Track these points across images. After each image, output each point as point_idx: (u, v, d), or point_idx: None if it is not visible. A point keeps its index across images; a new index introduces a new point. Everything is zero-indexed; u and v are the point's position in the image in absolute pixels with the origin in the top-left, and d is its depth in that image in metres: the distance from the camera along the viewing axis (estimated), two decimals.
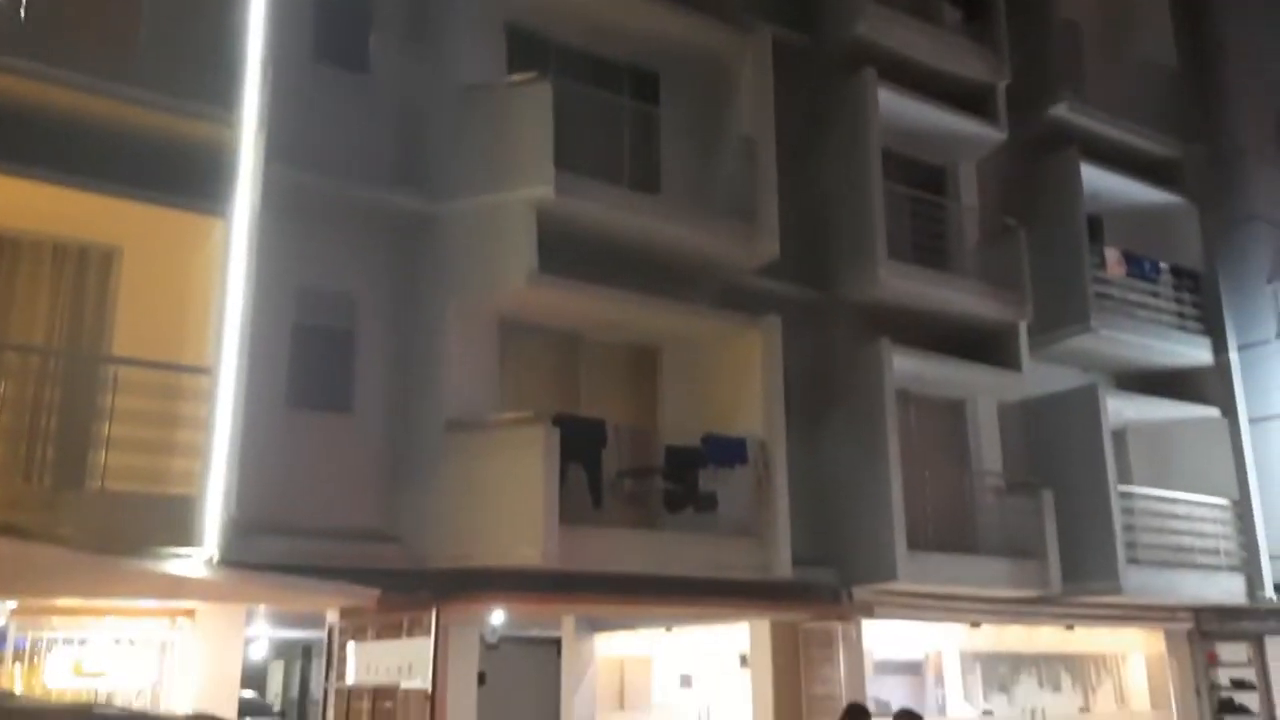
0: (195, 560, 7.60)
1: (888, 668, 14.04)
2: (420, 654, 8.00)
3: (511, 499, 9.21)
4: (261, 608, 12.72)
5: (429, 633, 7.97)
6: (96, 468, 7.93)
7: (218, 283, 8.12)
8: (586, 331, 11.36)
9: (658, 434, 11.13)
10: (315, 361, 9.59)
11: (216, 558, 7.66)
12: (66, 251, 8.71)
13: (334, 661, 9.22)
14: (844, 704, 10.09)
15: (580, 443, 9.70)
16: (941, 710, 13.93)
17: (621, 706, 15.52)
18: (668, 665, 15.15)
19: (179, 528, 7.65)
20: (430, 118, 10.53)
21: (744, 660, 13.14)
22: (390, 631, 8.56)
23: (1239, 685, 15.29)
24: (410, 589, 8.67)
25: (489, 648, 17.39)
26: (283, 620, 14.65)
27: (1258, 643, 15.26)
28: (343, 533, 8.75)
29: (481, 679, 17.72)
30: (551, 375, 11.27)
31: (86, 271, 8.75)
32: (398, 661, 8.28)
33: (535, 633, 16.99)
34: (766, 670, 12.16)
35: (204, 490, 7.77)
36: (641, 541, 10.16)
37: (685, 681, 14.69)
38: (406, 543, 9.01)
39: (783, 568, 10.86)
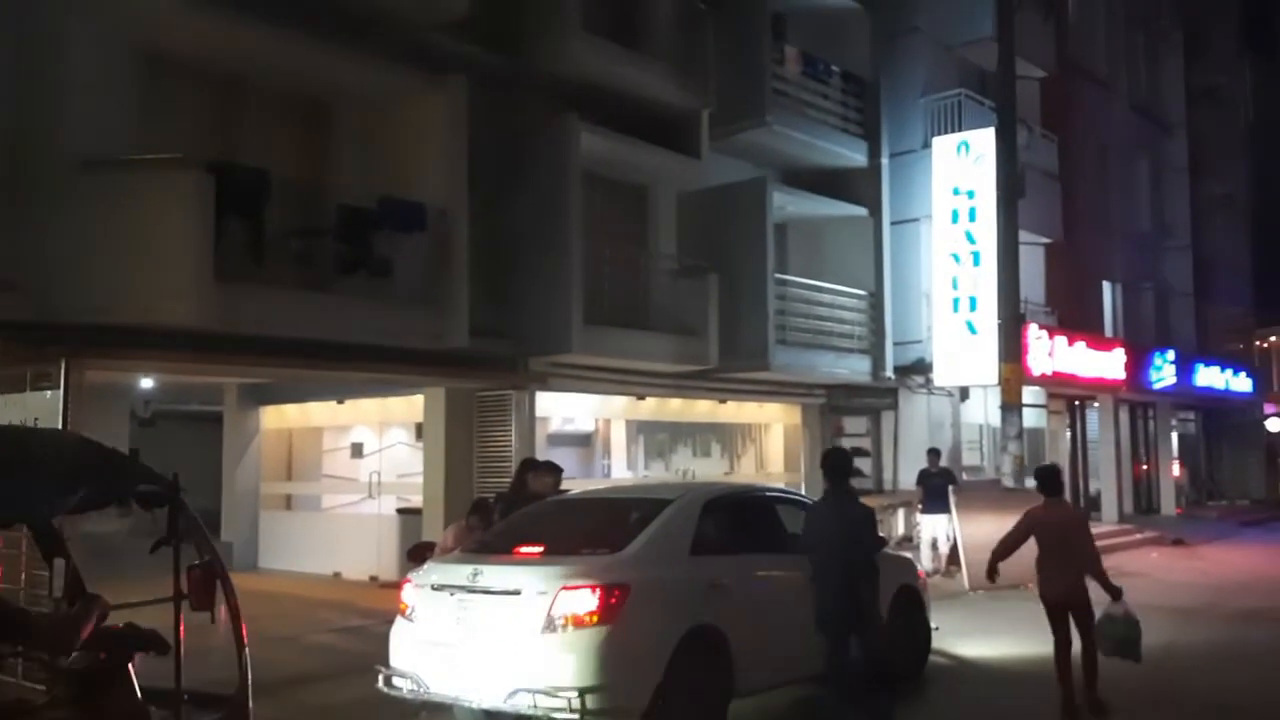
0: None
1: (560, 440, 14.74)
2: (48, 407, 7.26)
3: (158, 250, 8.37)
4: None
5: (58, 386, 7.22)
6: None
7: None
8: (251, 75, 10.32)
9: (329, 193, 10.48)
10: None
11: None
12: None
13: None
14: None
15: (239, 194, 8.91)
16: (607, 475, 14.93)
17: (289, 478, 15.28)
18: (339, 436, 14.98)
19: None
20: None
21: (419, 431, 13.25)
22: (11, 385, 7.67)
23: (857, 452, 17.59)
24: (37, 342, 7.76)
25: (142, 423, 16.32)
26: None
27: (875, 416, 17.54)
28: None
29: (134, 455, 16.78)
30: (211, 121, 10.25)
31: None
32: (21, 415, 7.47)
33: (195, 407, 16.10)
34: (439, 437, 12.33)
35: None
36: (309, 304, 9.64)
37: (357, 451, 14.64)
38: (29, 292, 7.96)
39: (459, 337, 10.85)
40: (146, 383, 13.15)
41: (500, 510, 8.44)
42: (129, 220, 8.36)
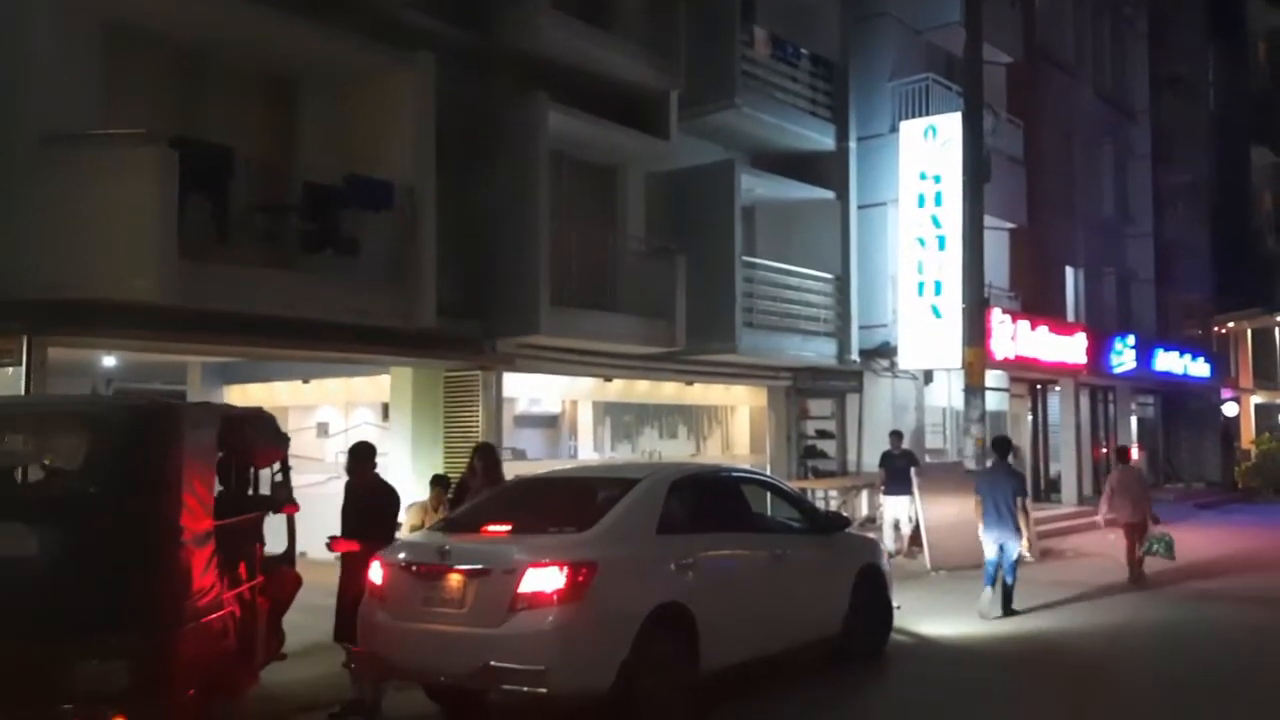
0: None
1: (527, 421, 14.74)
2: (9, 384, 7.17)
3: (122, 226, 8.26)
4: None
5: (20, 362, 7.13)
6: None
7: None
8: (217, 51, 10.20)
9: (296, 170, 10.39)
10: None
11: None
12: None
13: None
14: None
15: (204, 170, 8.81)
16: (573, 456, 14.95)
17: None
18: (304, 416, 14.88)
19: None
20: None
21: (386, 411, 13.19)
22: None
23: (821, 434, 17.75)
24: None
25: None
26: None
27: (840, 399, 17.68)
28: None
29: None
30: (174, 96, 10.10)
31: None
32: None
33: (159, 386, 15.92)
34: (406, 418, 12.30)
35: None
36: (275, 281, 9.58)
37: (323, 430, 14.56)
38: None
39: (426, 316, 10.82)
40: (109, 361, 12.97)
41: (454, 494, 8.49)
42: (92, 196, 8.24)
